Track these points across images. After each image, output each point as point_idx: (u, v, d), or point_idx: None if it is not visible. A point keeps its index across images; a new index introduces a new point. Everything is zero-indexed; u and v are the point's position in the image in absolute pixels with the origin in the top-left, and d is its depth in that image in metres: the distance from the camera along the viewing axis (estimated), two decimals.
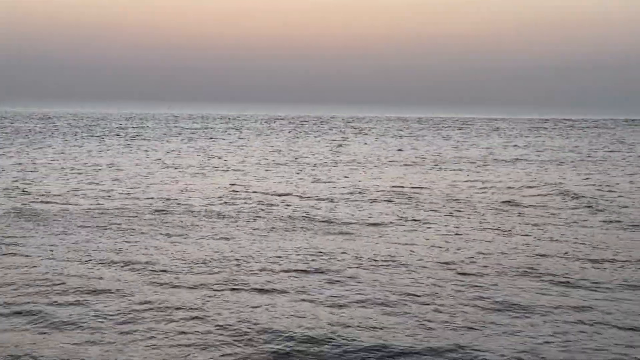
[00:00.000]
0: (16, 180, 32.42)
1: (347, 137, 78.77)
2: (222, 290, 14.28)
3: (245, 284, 14.74)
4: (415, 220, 22.69)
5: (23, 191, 28.46)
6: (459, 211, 24.63)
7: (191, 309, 13.04)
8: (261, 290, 14.25)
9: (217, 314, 12.77)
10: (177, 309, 13.03)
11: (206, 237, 19.60)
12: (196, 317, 12.58)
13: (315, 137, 78.60)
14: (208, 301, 13.51)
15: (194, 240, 19.14)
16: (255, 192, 29.29)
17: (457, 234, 20.37)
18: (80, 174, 36.16)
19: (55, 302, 13.42)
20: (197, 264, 16.39)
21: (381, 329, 12.04)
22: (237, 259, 16.84)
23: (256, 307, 13.16)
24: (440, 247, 18.51)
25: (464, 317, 12.75)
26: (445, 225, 21.72)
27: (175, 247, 18.11)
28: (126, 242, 18.73)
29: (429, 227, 21.39)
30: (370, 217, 23.04)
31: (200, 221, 21.97)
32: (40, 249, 17.70)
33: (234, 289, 14.35)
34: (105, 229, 20.49)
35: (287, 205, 25.60)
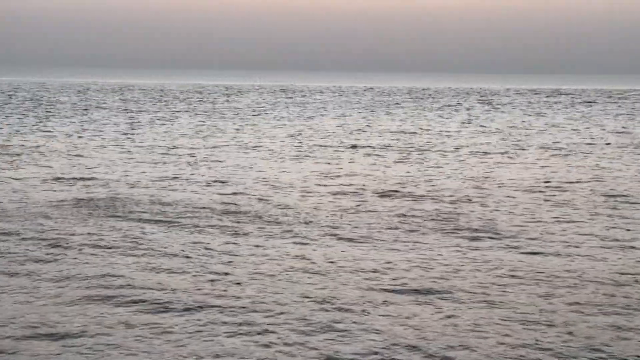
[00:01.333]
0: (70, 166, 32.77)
1: (462, 113, 77.60)
2: (301, 323, 12.93)
3: (326, 319, 13.28)
4: (567, 222, 21.94)
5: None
6: (619, 212, 23.43)
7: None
8: (338, 323, 12.89)
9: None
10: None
11: (279, 244, 18.98)
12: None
13: (421, 111, 78.47)
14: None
15: (264, 244, 18.75)
16: (343, 184, 28.93)
17: (614, 245, 19.01)
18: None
19: None
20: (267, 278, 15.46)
21: None
22: (318, 274, 16.10)
23: (331, 340, 11.94)
24: (597, 268, 16.84)
25: None
26: (606, 236, 20.25)
27: (243, 252, 17.83)
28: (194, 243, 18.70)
29: (580, 234, 20.40)
30: (502, 221, 22.15)
31: (279, 223, 21.28)
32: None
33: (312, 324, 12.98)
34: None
35: (389, 202, 25.11)
